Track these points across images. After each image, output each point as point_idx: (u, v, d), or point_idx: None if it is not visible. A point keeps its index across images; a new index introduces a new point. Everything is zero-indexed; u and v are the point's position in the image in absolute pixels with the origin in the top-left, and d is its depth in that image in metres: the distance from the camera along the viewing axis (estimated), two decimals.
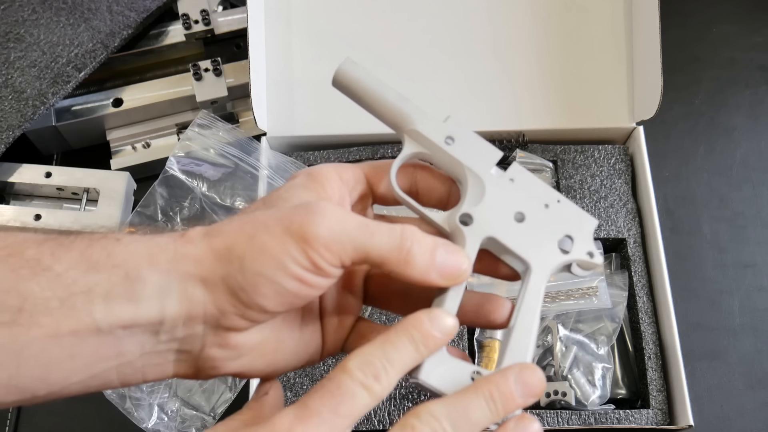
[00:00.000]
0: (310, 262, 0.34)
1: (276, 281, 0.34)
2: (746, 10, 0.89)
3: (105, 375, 0.34)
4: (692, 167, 0.80)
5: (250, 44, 0.68)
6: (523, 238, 0.39)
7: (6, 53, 0.71)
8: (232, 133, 0.73)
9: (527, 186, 0.40)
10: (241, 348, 0.36)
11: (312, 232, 0.34)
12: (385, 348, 0.34)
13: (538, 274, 0.39)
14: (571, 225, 0.40)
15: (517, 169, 0.40)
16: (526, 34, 0.75)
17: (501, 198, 0.39)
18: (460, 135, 0.40)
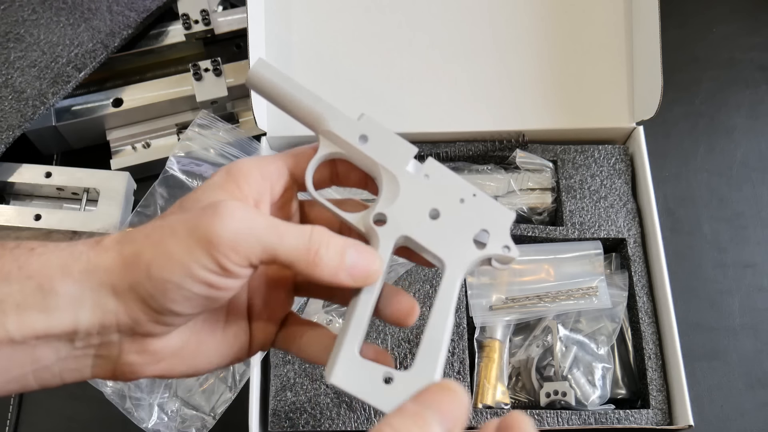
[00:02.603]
0: (216, 265, 0.34)
1: (183, 287, 0.34)
2: (746, 10, 0.89)
3: (22, 379, 0.35)
4: (692, 167, 0.80)
5: (250, 44, 0.68)
6: (437, 235, 0.38)
7: (6, 53, 0.71)
8: (232, 133, 0.73)
9: (442, 181, 0.40)
10: (159, 353, 0.36)
11: (217, 235, 0.33)
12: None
13: (453, 271, 0.38)
14: (487, 219, 0.39)
15: (433, 165, 0.40)
16: (526, 34, 0.75)
17: (415, 195, 0.39)
18: (374, 133, 0.40)
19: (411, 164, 0.40)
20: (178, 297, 0.34)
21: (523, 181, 0.72)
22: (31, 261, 0.34)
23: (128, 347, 0.36)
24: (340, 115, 0.40)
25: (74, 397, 0.69)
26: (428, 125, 0.73)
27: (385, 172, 0.39)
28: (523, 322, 0.68)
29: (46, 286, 0.33)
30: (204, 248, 0.33)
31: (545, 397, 0.64)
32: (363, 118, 0.40)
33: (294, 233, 0.35)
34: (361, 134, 0.40)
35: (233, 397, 0.66)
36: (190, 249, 0.34)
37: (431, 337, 0.37)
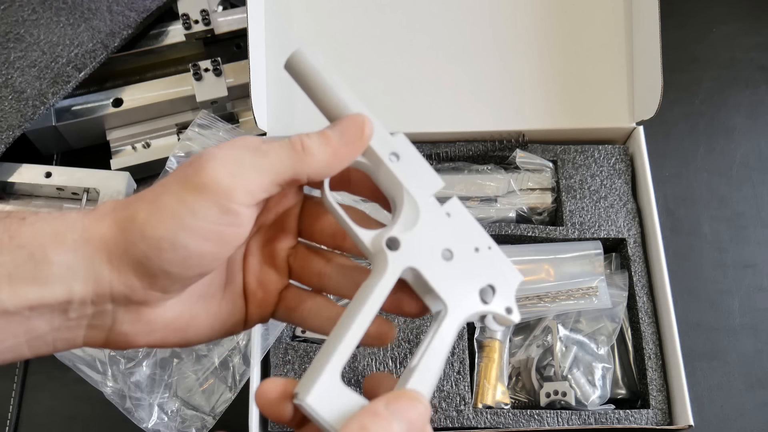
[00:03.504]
0: (218, 210, 0.33)
1: (177, 242, 0.33)
2: (746, 10, 0.89)
3: (16, 348, 0.34)
4: (692, 167, 0.80)
5: (250, 44, 0.68)
6: (446, 277, 0.37)
7: (6, 53, 0.71)
8: (232, 133, 0.73)
9: (462, 224, 0.38)
10: (153, 323, 0.36)
11: (209, 177, 0.33)
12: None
13: (453, 318, 0.36)
14: (497, 275, 0.38)
15: (456, 204, 0.38)
16: (527, 34, 0.75)
17: (433, 230, 0.37)
18: (406, 154, 0.38)
19: (432, 197, 0.38)
20: (172, 256, 0.33)
21: (523, 181, 0.72)
22: (22, 230, 0.33)
23: (122, 317, 0.35)
24: (377, 126, 0.38)
25: (74, 397, 0.69)
26: (428, 125, 0.73)
27: (408, 196, 0.37)
28: (523, 322, 0.68)
29: (38, 255, 0.33)
30: (199, 194, 0.33)
31: (545, 397, 0.64)
32: (398, 136, 0.38)
33: (275, 146, 0.35)
34: (393, 151, 0.38)
35: (233, 397, 0.66)
36: (182, 199, 0.33)
37: (419, 380, 0.35)
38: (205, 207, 0.33)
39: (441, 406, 0.62)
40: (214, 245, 0.34)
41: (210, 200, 0.33)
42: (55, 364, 0.67)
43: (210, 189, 0.33)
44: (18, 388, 0.69)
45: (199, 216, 0.33)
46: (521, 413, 0.62)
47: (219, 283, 0.39)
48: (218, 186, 0.33)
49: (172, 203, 0.33)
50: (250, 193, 0.34)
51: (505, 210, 0.71)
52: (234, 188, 0.34)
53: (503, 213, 0.71)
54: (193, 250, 0.34)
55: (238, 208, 0.34)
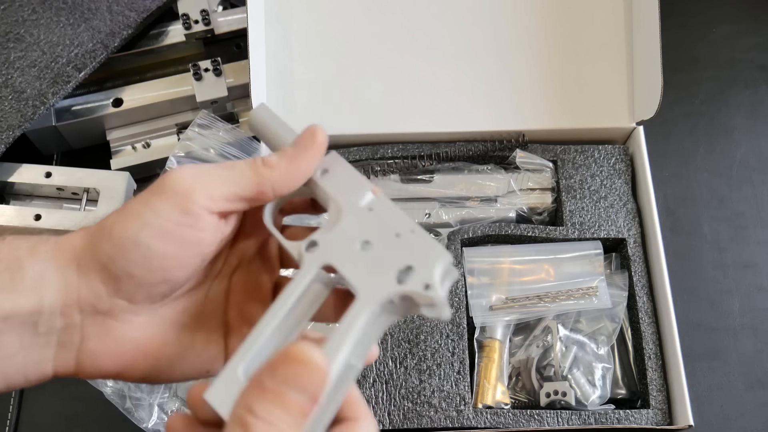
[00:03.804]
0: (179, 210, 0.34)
1: (140, 241, 0.34)
2: (746, 10, 0.89)
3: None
4: (692, 167, 0.80)
5: (250, 44, 0.68)
6: (359, 265, 0.37)
7: (6, 53, 0.71)
8: (232, 133, 0.73)
9: (384, 215, 0.38)
10: (122, 341, 0.36)
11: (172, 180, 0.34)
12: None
13: (363, 303, 0.35)
14: (417, 256, 0.36)
15: (380, 200, 0.39)
16: (527, 35, 0.75)
17: (352, 227, 0.38)
18: (334, 167, 0.40)
19: (364, 199, 0.39)
20: (135, 256, 0.34)
21: (523, 181, 0.72)
22: (1, 247, 0.35)
23: (90, 331, 0.36)
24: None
25: (74, 397, 0.69)
26: (428, 125, 0.73)
27: (333, 203, 0.39)
28: (523, 322, 0.68)
29: (13, 266, 0.34)
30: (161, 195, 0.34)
31: (545, 397, 0.64)
32: (330, 153, 0.40)
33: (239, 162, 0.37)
34: (324, 168, 0.40)
35: None
36: (146, 201, 0.34)
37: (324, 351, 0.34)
38: (167, 207, 0.34)
39: (441, 406, 0.62)
40: (175, 247, 0.35)
41: (171, 200, 0.34)
42: None
43: (171, 190, 0.35)
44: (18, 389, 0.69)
45: (161, 215, 0.34)
46: (521, 413, 0.62)
47: (194, 312, 0.39)
48: (180, 187, 0.35)
49: (137, 205, 0.35)
50: (210, 197, 0.35)
51: (505, 210, 0.71)
52: (194, 190, 0.35)
53: (503, 213, 0.71)
54: (155, 250, 0.34)
55: (198, 209, 0.35)
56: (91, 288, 0.35)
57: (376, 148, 0.73)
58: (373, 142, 0.73)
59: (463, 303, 0.66)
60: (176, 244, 0.35)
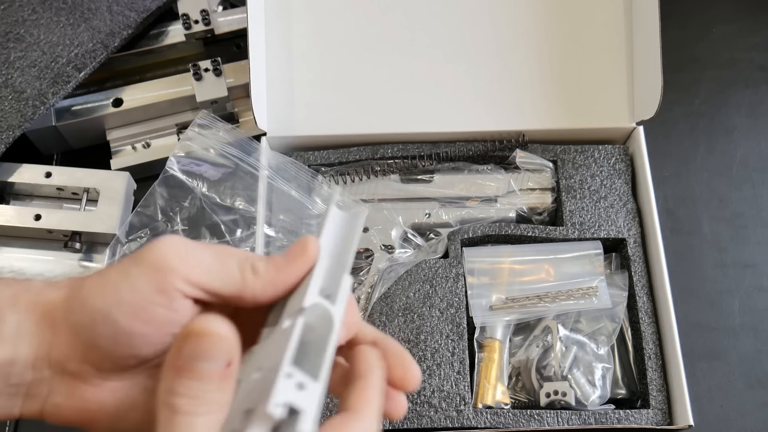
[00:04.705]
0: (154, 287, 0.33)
1: (109, 317, 0.33)
2: (746, 10, 0.89)
3: None
4: (692, 167, 0.80)
5: (250, 44, 0.68)
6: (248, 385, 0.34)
7: (6, 53, 0.71)
8: (232, 133, 0.73)
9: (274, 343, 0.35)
10: (88, 402, 0.36)
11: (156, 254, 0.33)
12: None
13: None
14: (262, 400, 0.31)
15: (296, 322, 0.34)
16: (527, 34, 0.75)
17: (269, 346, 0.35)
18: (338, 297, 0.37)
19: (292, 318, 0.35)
20: (104, 330, 0.33)
21: (523, 181, 0.72)
22: None
23: (58, 388, 0.35)
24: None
25: None
26: (428, 125, 0.73)
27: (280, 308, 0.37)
28: (523, 322, 0.68)
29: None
30: (141, 267, 0.33)
31: (545, 397, 0.64)
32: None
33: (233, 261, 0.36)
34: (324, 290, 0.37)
35: None
36: (125, 270, 0.34)
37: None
38: (143, 281, 0.33)
39: (441, 406, 0.62)
40: (145, 325, 0.34)
41: (148, 275, 0.33)
42: None
43: (152, 265, 0.34)
44: None
45: (135, 290, 0.33)
46: (521, 413, 0.62)
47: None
48: (160, 262, 0.34)
49: (116, 274, 0.34)
50: (188, 282, 0.34)
51: (505, 210, 0.71)
52: (174, 269, 0.34)
53: (503, 213, 0.71)
54: (123, 327, 0.33)
55: (172, 291, 0.34)
56: (61, 349, 0.35)
57: (376, 148, 0.73)
58: (373, 142, 0.73)
59: (463, 303, 0.66)
60: (147, 322, 0.34)
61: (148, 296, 0.33)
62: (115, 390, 0.36)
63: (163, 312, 0.34)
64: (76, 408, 0.36)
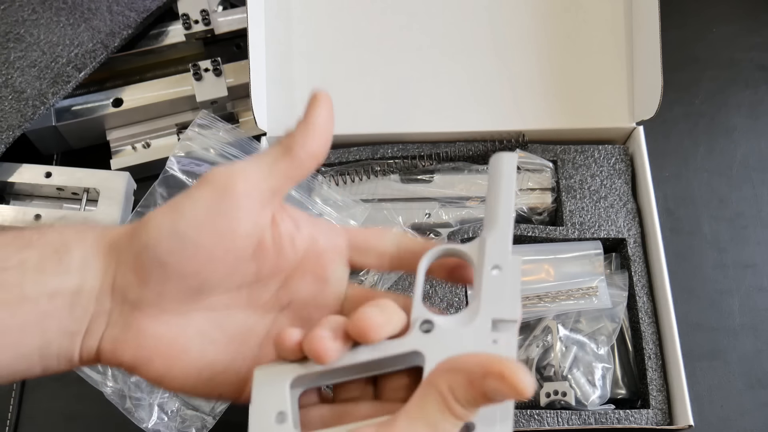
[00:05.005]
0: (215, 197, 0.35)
1: (176, 230, 0.35)
2: (746, 10, 0.89)
3: (29, 360, 0.35)
4: (692, 167, 0.80)
5: (250, 44, 0.68)
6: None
7: (6, 53, 0.71)
8: (232, 133, 0.73)
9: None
10: (143, 335, 0.36)
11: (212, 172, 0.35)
12: None
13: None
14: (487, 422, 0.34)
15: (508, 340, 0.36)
16: (526, 34, 0.75)
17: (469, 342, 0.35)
18: (508, 274, 0.37)
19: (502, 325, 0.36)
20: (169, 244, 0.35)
21: (523, 181, 0.72)
22: (51, 231, 0.37)
23: (116, 319, 0.36)
24: (505, 240, 0.38)
25: (74, 397, 0.69)
26: (428, 125, 0.73)
27: (476, 304, 0.37)
28: (523, 322, 0.68)
29: (61, 249, 0.35)
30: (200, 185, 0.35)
31: (545, 397, 0.64)
32: (515, 257, 0.37)
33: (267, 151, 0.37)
34: (497, 264, 0.37)
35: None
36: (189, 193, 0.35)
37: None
38: (204, 195, 0.35)
39: None
40: (209, 236, 0.35)
41: (209, 188, 0.35)
42: None
43: (210, 180, 0.35)
44: (18, 388, 0.69)
45: (198, 204, 0.35)
46: (521, 413, 0.62)
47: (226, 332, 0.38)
48: (218, 175, 0.35)
49: (178, 198, 0.35)
50: (246, 179, 0.35)
51: None
52: (232, 176, 0.35)
53: None
54: (190, 238, 0.35)
55: (235, 196, 0.35)
56: (124, 276, 0.36)
57: (376, 148, 0.73)
58: (373, 142, 0.73)
59: (463, 303, 0.66)
60: (210, 233, 0.35)
61: (210, 206, 0.35)
62: (171, 326, 0.37)
63: (225, 222, 0.35)
64: (132, 344, 0.36)
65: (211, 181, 0.35)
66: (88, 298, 0.36)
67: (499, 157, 0.40)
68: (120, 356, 0.37)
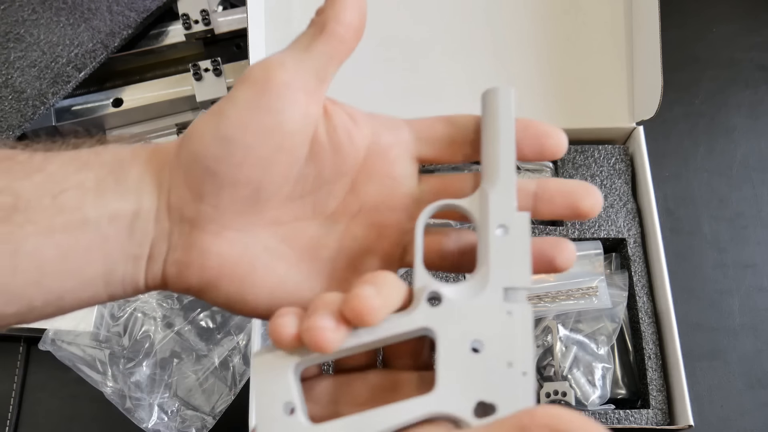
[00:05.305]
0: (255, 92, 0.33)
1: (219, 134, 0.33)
2: (746, 10, 0.89)
3: (95, 286, 0.34)
4: (692, 167, 0.80)
5: (250, 44, 0.68)
6: (457, 362, 0.32)
7: (6, 53, 0.71)
8: None
9: (515, 333, 0.33)
10: (207, 254, 0.34)
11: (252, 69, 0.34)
12: None
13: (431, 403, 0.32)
14: (509, 402, 0.31)
15: (524, 312, 0.33)
16: (526, 35, 0.75)
17: (481, 315, 0.33)
18: (517, 234, 0.34)
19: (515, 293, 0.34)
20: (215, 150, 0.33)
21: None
22: (106, 150, 0.35)
23: (176, 241, 0.34)
24: (510, 192, 0.35)
25: (74, 397, 0.69)
26: None
27: (483, 272, 0.34)
28: None
29: (117, 170, 0.34)
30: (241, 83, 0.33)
31: (545, 397, 0.64)
32: (523, 214, 0.35)
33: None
34: (503, 224, 0.34)
35: (233, 397, 0.66)
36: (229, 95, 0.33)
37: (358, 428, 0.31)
38: (244, 93, 0.33)
39: None
40: (257, 136, 0.33)
41: (247, 85, 0.33)
42: (55, 364, 0.67)
43: (247, 77, 0.33)
44: (18, 388, 0.69)
45: (239, 103, 0.33)
46: None
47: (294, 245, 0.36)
48: (256, 70, 0.33)
49: (220, 102, 0.34)
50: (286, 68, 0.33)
51: None
52: (269, 67, 0.33)
53: None
54: (236, 141, 0.33)
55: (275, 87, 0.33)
56: (178, 192, 0.34)
57: None
58: None
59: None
60: (256, 132, 0.33)
61: (253, 103, 0.33)
62: (234, 243, 0.34)
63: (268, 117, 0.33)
64: (196, 266, 0.34)
65: (248, 78, 0.33)
66: (146, 220, 0.34)
67: (493, 92, 0.36)
68: (186, 280, 0.35)
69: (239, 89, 0.33)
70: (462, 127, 0.37)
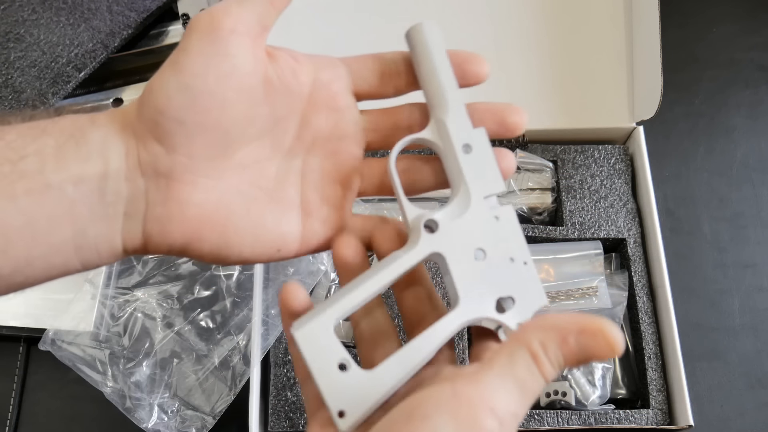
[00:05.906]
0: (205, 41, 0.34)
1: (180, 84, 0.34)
2: (746, 10, 0.89)
3: (64, 251, 0.34)
4: (692, 167, 0.80)
5: None
6: (469, 274, 0.36)
7: (6, 53, 0.71)
8: None
9: (507, 232, 0.37)
10: (186, 205, 0.35)
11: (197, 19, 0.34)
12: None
13: (461, 313, 0.35)
14: (522, 291, 0.36)
15: (507, 212, 0.37)
16: (526, 34, 0.75)
17: (475, 227, 0.37)
18: (479, 149, 0.38)
19: (492, 199, 0.38)
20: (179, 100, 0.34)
21: (523, 181, 0.72)
22: (64, 119, 0.35)
23: (153, 196, 0.35)
24: (462, 114, 0.38)
25: (74, 397, 0.69)
26: None
27: (464, 188, 0.37)
28: None
29: (77, 134, 0.34)
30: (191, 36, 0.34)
31: (545, 397, 0.64)
32: (479, 130, 0.38)
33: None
34: (467, 143, 0.38)
35: (233, 397, 0.66)
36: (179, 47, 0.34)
37: (408, 357, 0.34)
38: (195, 43, 0.34)
39: None
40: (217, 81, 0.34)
41: (196, 35, 0.34)
42: (55, 364, 0.67)
43: (194, 27, 0.35)
44: (18, 388, 0.69)
45: (192, 52, 0.34)
46: None
47: (264, 186, 0.38)
48: (201, 20, 0.35)
49: (171, 56, 0.35)
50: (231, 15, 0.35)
51: None
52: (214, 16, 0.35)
53: None
54: (198, 88, 0.34)
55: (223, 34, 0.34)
56: (149, 148, 0.35)
57: None
58: None
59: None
60: (215, 77, 0.34)
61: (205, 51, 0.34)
62: (210, 190, 0.36)
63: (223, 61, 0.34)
64: (177, 219, 0.35)
65: (196, 27, 0.34)
66: (116, 180, 0.34)
67: (418, 27, 0.40)
68: (169, 236, 0.35)
69: (189, 40, 0.35)
70: (390, 61, 0.41)
